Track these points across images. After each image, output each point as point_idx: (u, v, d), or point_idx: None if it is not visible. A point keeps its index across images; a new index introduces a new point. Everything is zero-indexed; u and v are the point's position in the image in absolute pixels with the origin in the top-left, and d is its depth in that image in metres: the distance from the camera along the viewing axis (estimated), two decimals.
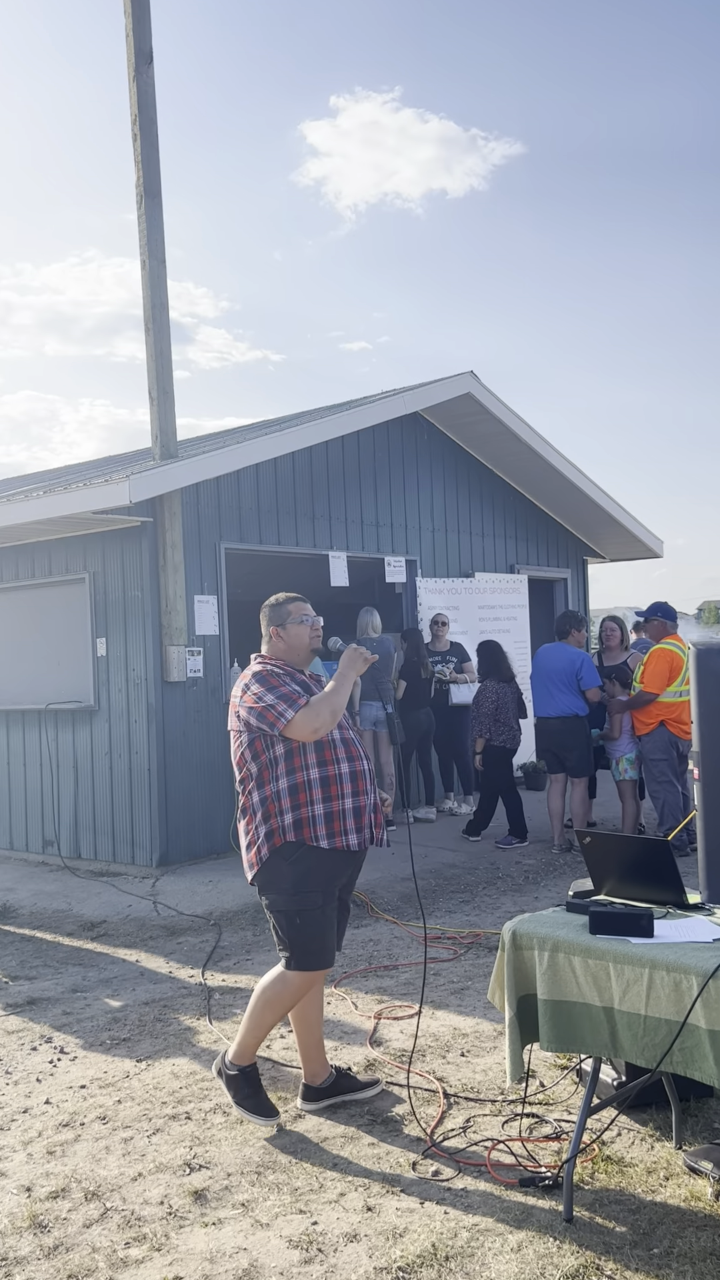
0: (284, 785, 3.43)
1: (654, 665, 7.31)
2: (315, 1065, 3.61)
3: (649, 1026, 2.69)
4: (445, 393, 9.38)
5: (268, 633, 3.65)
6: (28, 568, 8.26)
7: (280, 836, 3.42)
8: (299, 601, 3.65)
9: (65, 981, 5.27)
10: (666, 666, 7.26)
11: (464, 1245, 2.74)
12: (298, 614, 3.62)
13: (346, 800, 3.46)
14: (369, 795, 3.55)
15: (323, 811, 3.43)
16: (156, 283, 7.57)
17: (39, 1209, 3.05)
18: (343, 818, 3.45)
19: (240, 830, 3.54)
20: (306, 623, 3.62)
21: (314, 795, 3.43)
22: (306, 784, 3.43)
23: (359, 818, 3.49)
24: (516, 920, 3.06)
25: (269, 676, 3.48)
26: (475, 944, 5.50)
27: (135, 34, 7.48)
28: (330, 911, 3.48)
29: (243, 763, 3.50)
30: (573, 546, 11.98)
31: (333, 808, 3.44)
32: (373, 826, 3.55)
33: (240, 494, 8.05)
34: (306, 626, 3.62)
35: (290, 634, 3.61)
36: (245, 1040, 3.56)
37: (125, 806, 7.52)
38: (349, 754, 3.52)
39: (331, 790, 3.44)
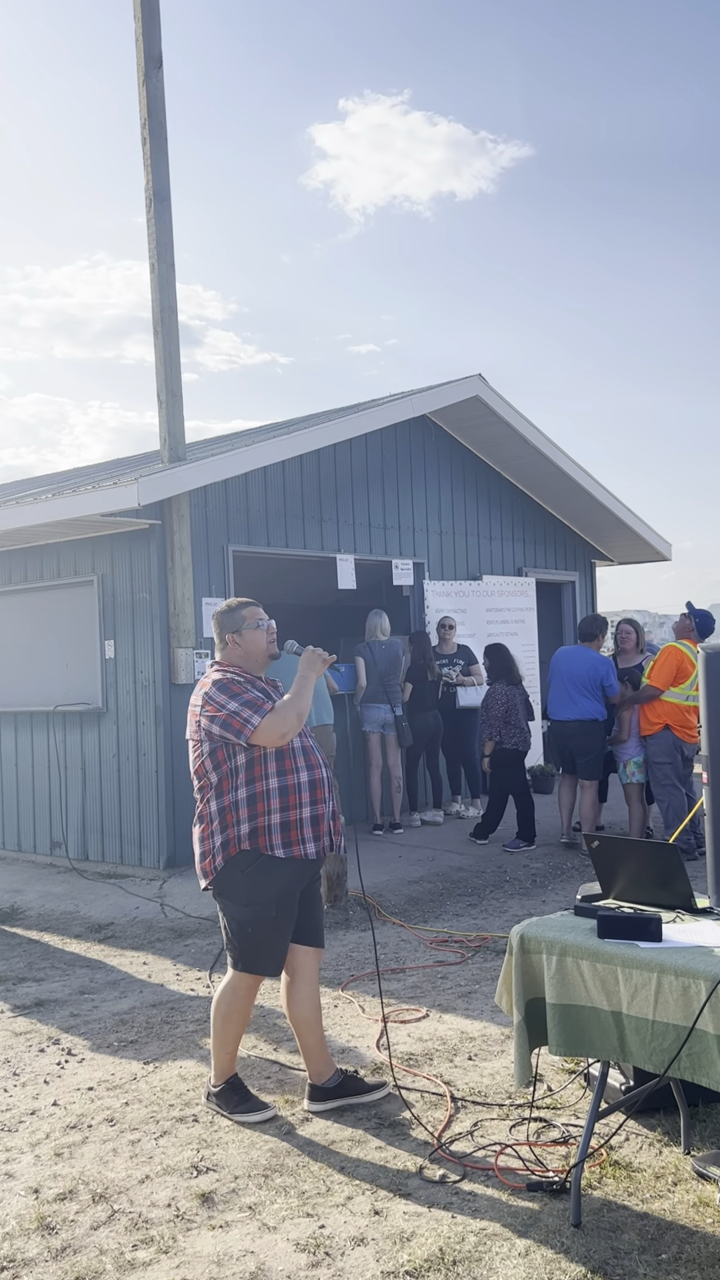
0: (243, 795, 3.46)
1: (662, 661, 7.31)
2: (319, 1064, 3.62)
3: (657, 1031, 2.68)
4: (453, 396, 9.38)
5: (223, 640, 3.67)
6: (36, 570, 8.29)
7: (235, 845, 3.45)
8: (252, 606, 3.68)
9: (73, 983, 5.27)
10: (675, 664, 7.26)
11: (471, 1250, 2.74)
12: (252, 619, 3.65)
13: (304, 809, 3.49)
14: (327, 803, 3.57)
15: (279, 821, 3.46)
16: (165, 286, 7.59)
17: (47, 1211, 3.06)
18: (300, 826, 3.48)
19: (194, 837, 3.57)
20: (262, 627, 3.64)
21: (271, 805, 3.46)
22: (265, 793, 3.46)
23: (316, 826, 3.52)
24: (524, 924, 3.05)
25: (230, 684, 3.48)
26: (483, 947, 5.49)
27: (145, 39, 7.50)
28: (283, 921, 3.51)
29: (202, 772, 3.51)
30: (581, 549, 11.96)
31: (290, 817, 3.46)
32: (331, 834, 3.58)
33: (248, 497, 8.06)
34: (262, 631, 3.64)
35: (246, 639, 3.63)
36: (218, 1058, 3.63)
37: (133, 808, 7.53)
38: (308, 762, 3.54)
39: (290, 800, 3.47)
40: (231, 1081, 3.62)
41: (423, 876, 7.16)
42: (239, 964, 3.54)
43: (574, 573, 11.83)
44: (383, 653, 8.46)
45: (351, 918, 6.18)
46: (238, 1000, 3.56)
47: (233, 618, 3.66)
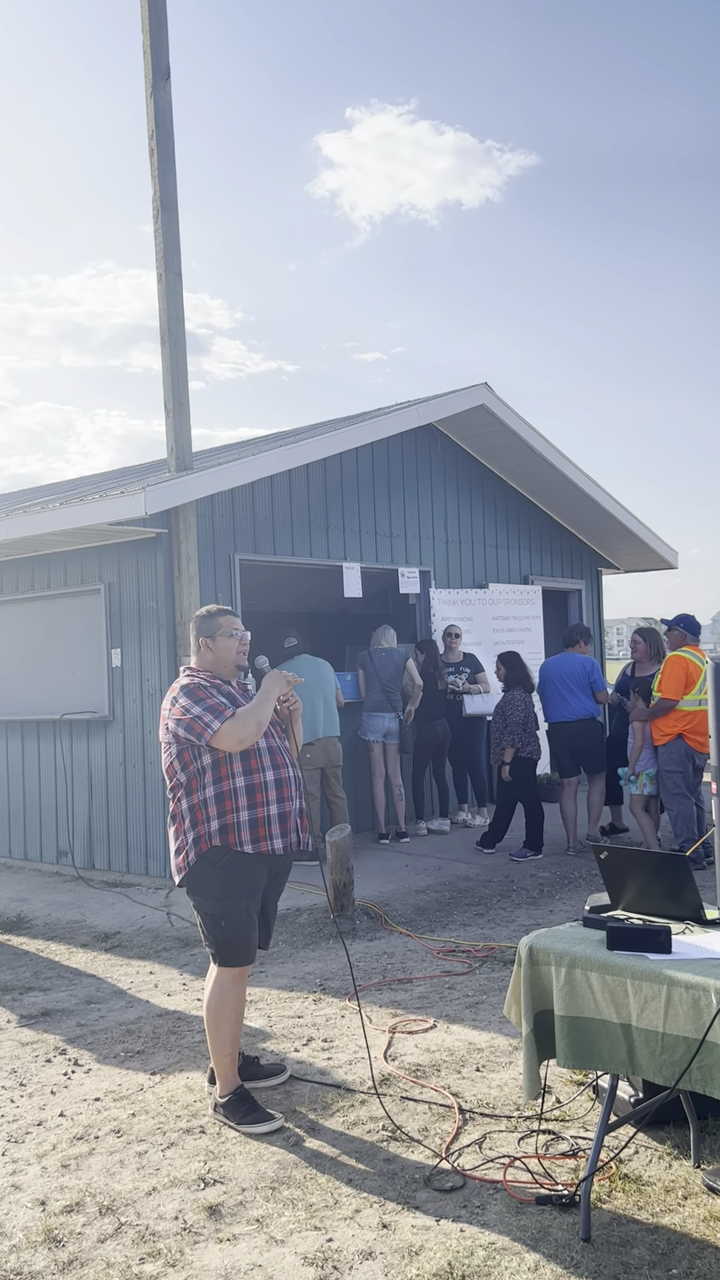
0: (211, 793, 3.58)
1: (669, 672, 7.30)
2: None
3: (667, 1044, 2.66)
4: (459, 404, 9.39)
5: (197, 644, 3.80)
6: (43, 578, 8.30)
7: (207, 842, 3.57)
8: (229, 615, 3.81)
9: (79, 993, 5.27)
10: (682, 673, 7.25)
11: (480, 1264, 2.72)
12: (227, 628, 3.77)
13: (271, 807, 3.61)
14: (294, 801, 3.69)
15: (248, 818, 3.57)
16: (172, 295, 7.61)
17: (53, 1223, 3.04)
18: (267, 823, 3.60)
19: (169, 835, 3.70)
20: (235, 637, 3.76)
21: (240, 803, 3.58)
22: (233, 791, 3.58)
23: (284, 823, 3.64)
24: (533, 935, 3.04)
25: (196, 689, 3.61)
26: (490, 957, 5.47)
27: (153, 50, 7.54)
28: (253, 913, 3.66)
29: (172, 772, 3.64)
30: (587, 557, 11.95)
31: (258, 814, 3.59)
32: (298, 831, 3.70)
33: (255, 505, 8.07)
34: (234, 641, 3.77)
35: (218, 646, 3.76)
36: (220, 1066, 3.65)
37: (139, 817, 7.52)
38: (274, 762, 3.66)
39: (257, 798, 3.59)
40: (238, 1092, 3.63)
41: (429, 886, 7.14)
42: (218, 958, 3.64)
43: (580, 581, 11.82)
44: (384, 661, 8.45)
45: (358, 927, 6.16)
46: (225, 996, 3.63)
47: (209, 624, 3.78)
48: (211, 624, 3.79)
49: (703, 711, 7.32)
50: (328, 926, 6.16)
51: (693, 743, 7.34)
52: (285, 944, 5.95)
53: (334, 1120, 3.60)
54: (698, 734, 7.33)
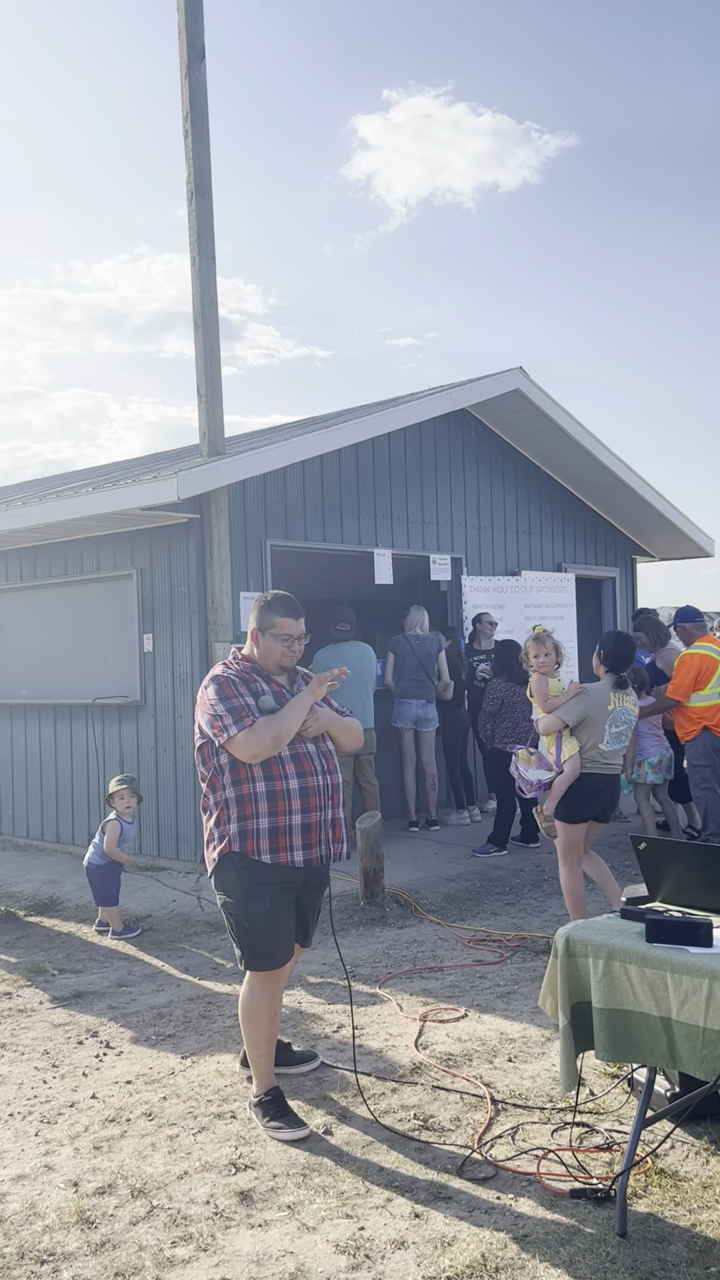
0: (231, 795, 3.42)
1: (679, 672, 7.16)
2: None
3: (709, 1039, 2.61)
4: (493, 389, 9.29)
5: (249, 630, 3.63)
6: (76, 563, 8.33)
7: (228, 845, 3.42)
8: (288, 618, 3.54)
9: (110, 976, 5.29)
10: (693, 672, 7.11)
11: (514, 1257, 2.69)
12: (280, 630, 3.54)
13: (294, 816, 3.39)
14: (322, 811, 3.45)
15: (267, 826, 3.38)
16: (206, 279, 7.57)
17: (86, 1205, 3.05)
18: (289, 834, 3.39)
19: (204, 825, 3.57)
20: (281, 643, 3.54)
21: (260, 809, 3.38)
22: (252, 796, 3.39)
23: (308, 834, 3.42)
24: (570, 926, 3.00)
25: (225, 684, 3.45)
26: (522, 947, 5.43)
27: (188, 30, 7.48)
28: (280, 914, 3.46)
29: (200, 761, 3.52)
30: (621, 545, 11.81)
31: (278, 823, 3.38)
32: (330, 843, 3.48)
33: (286, 491, 8.04)
34: (280, 646, 3.54)
35: (265, 644, 3.57)
36: (255, 1065, 3.56)
37: (170, 802, 7.55)
38: (299, 770, 3.43)
39: (278, 805, 3.38)
40: (272, 1093, 3.53)
41: (460, 874, 7.11)
42: (243, 960, 3.53)
43: (614, 569, 11.68)
44: (419, 647, 8.40)
45: (388, 914, 6.14)
46: (256, 998, 3.52)
47: (265, 616, 3.57)
48: (267, 618, 3.56)
49: None
50: (358, 913, 6.15)
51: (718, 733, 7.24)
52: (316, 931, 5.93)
53: (365, 1108, 3.58)
54: None
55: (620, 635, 5.53)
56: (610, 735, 5.29)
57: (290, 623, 3.54)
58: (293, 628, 3.54)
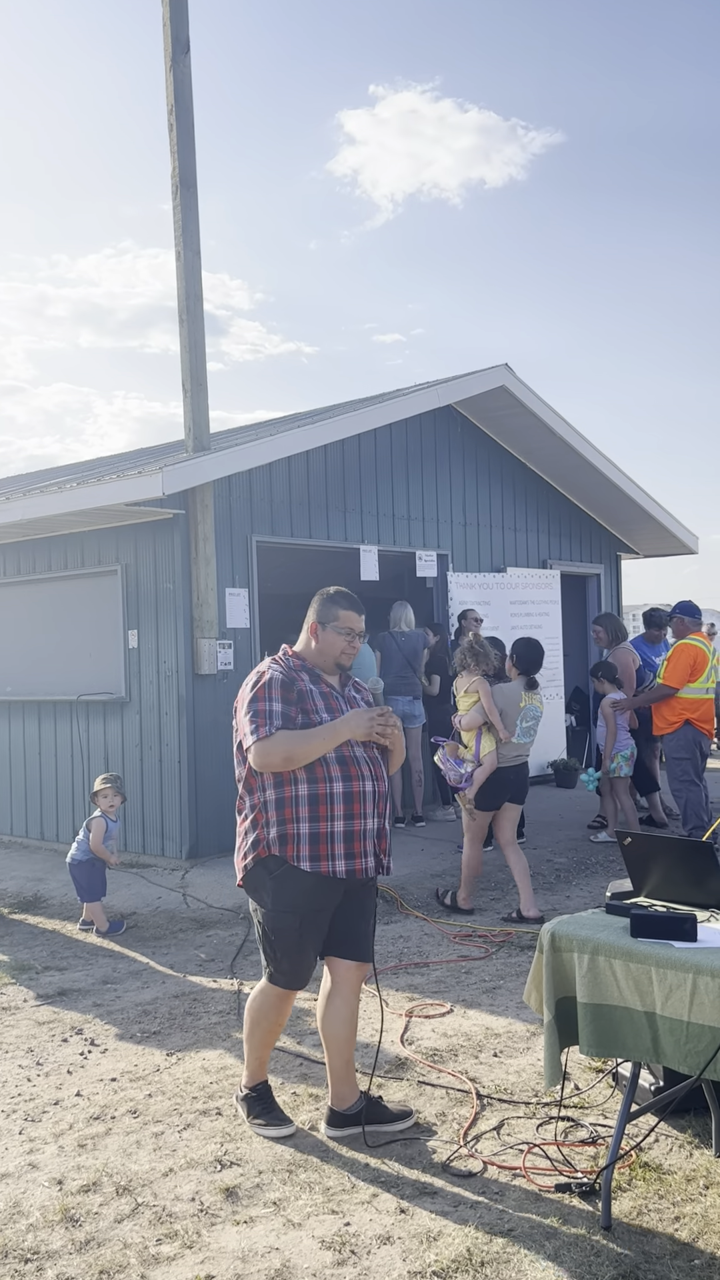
0: (270, 797, 3.23)
1: (675, 660, 7.30)
2: (343, 1088, 3.38)
3: (693, 1033, 2.62)
4: (479, 385, 9.29)
5: (307, 624, 3.41)
6: (60, 559, 8.29)
7: (265, 848, 3.23)
8: (351, 611, 3.37)
9: (95, 973, 5.27)
10: (689, 662, 7.22)
11: (500, 1251, 2.70)
12: (344, 623, 3.36)
13: (337, 823, 3.20)
14: (369, 819, 3.25)
15: (308, 831, 3.19)
16: (191, 274, 7.54)
17: (70, 1203, 3.04)
18: (330, 841, 3.20)
19: (238, 828, 3.40)
20: (343, 637, 3.36)
21: (300, 813, 3.20)
22: (294, 799, 3.21)
23: (350, 843, 3.22)
24: (555, 921, 3.00)
25: (262, 685, 3.25)
26: (507, 942, 5.44)
27: (173, 23, 7.45)
28: (309, 936, 3.27)
29: (238, 763, 3.34)
30: (606, 542, 11.84)
31: (320, 829, 3.19)
32: (376, 854, 3.29)
33: (272, 487, 8.02)
34: (343, 640, 3.36)
35: (326, 637, 3.36)
36: (249, 1060, 3.48)
37: (155, 799, 7.52)
38: (346, 773, 3.23)
39: (320, 810, 3.19)
40: (259, 1089, 3.47)
41: (445, 870, 7.11)
42: (268, 972, 3.35)
43: (599, 565, 11.72)
44: (404, 644, 8.41)
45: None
46: (265, 1008, 3.38)
47: (327, 609, 3.37)
48: (329, 611, 3.35)
49: (709, 699, 7.32)
50: None
51: (701, 727, 7.32)
52: None
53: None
54: (705, 721, 7.33)
55: (531, 641, 6.21)
56: (521, 729, 6.00)
57: (353, 616, 3.37)
58: (355, 622, 3.37)
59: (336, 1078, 3.39)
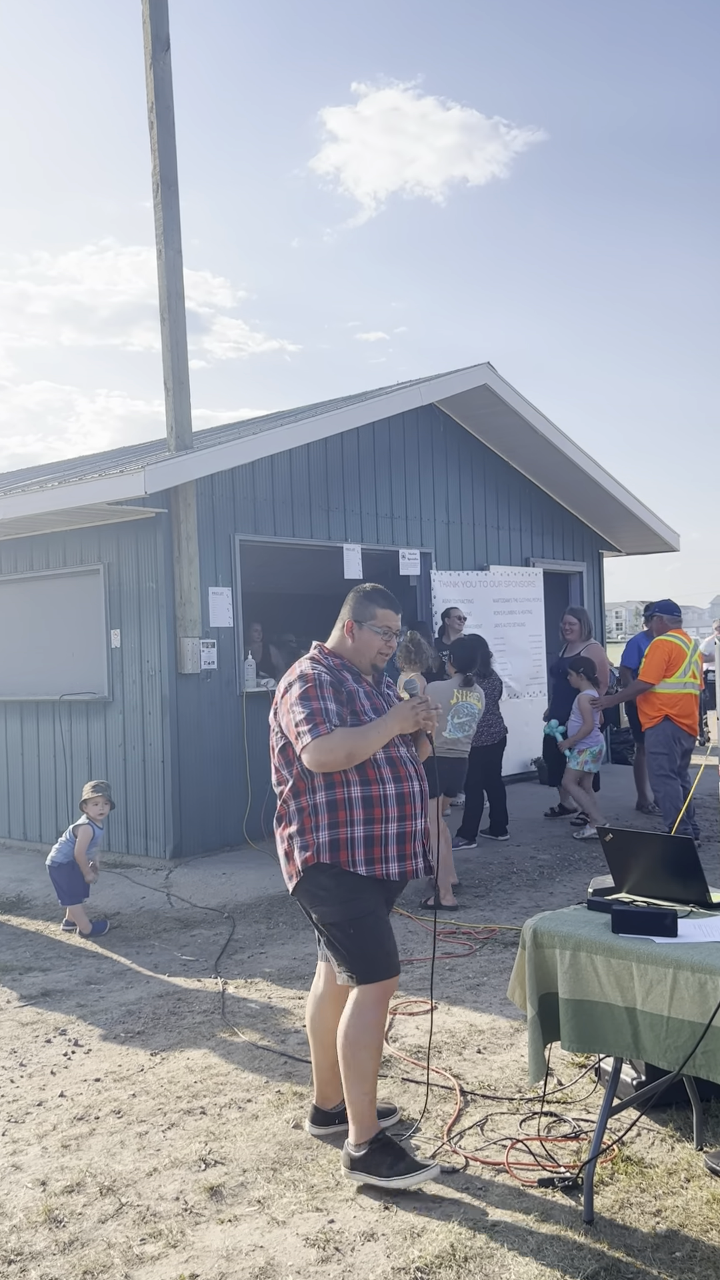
0: (322, 799, 3.12)
1: (651, 656, 7.46)
2: (329, 1089, 3.37)
3: (672, 1028, 2.64)
4: (461, 384, 9.31)
5: (342, 622, 3.30)
6: (42, 558, 8.25)
7: (315, 855, 3.10)
8: (389, 610, 3.28)
9: (79, 973, 5.26)
10: (664, 657, 7.37)
11: (483, 1246, 2.71)
12: (381, 622, 3.26)
13: (390, 825, 3.13)
14: (417, 820, 3.21)
15: (363, 834, 3.10)
16: (172, 272, 7.53)
17: (54, 1204, 3.04)
18: (384, 843, 3.13)
19: (277, 836, 3.25)
20: (381, 636, 3.27)
21: (355, 815, 3.10)
22: (347, 801, 3.10)
23: (403, 844, 3.17)
24: (537, 918, 3.02)
25: (311, 684, 3.13)
26: (490, 939, 5.46)
27: (153, 20, 7.42)
28: (384, 915, 3.19)
29: (280, 764, 3.21)
30: (588, 540, 11.89)
31: (374, 831, 3.11)
32: (424, 854, 3.23)
33: (255, 485, 8.01)
34: (380, 639, 3.27)
35: (362, 636, 3.26)
36: (357, 1106, 3.09)
37: (139, 798, 7.51)
38: (396, 774, 3.17)
39: (375, 812, 3.11)
40: (380, 1140, 3.07)
41: None
42: (357, 974, 3.10)
43: (581, 563, 11.76)
44: None
45: None
46: (367, 1018, 3.08)
47: (364, 607, 3.27)
48: (366, 609, 3.26)
49: (687, 695, 7.40)
50: None
51: (681, 723, 7.39)
52: (285, 925, 5.94)
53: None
54: (685, 716, 7.41)
55: (468, 641, 6.63)
56: (453, 725, 6.32)
57: (391, 615, 3.29)
58: (393, 620, 3.30)
59: (324, 1077, 3.38)
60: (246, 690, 7.78)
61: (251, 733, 7.80)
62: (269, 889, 6.64)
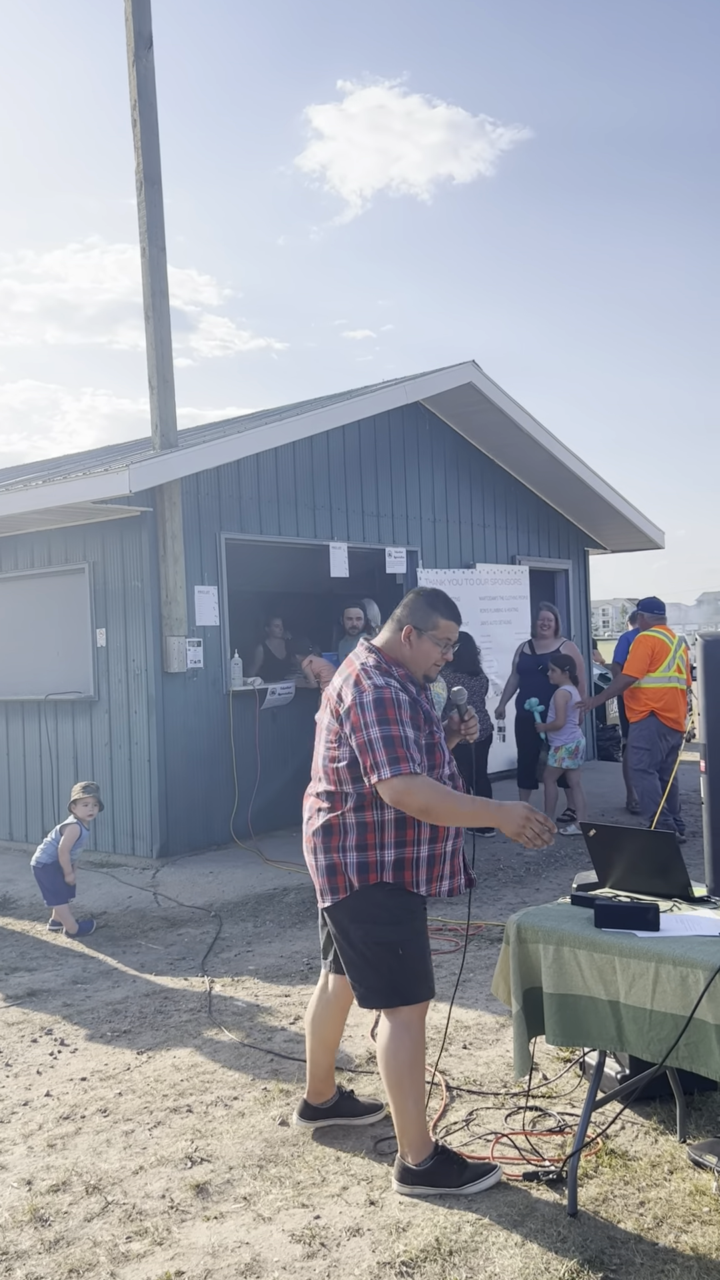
0: (390, 817, 2.99)
1: (634, 651, 7.55)
2: (322, 1085, 3.38)
3: (655, 1021, 2.66)
4: (446, 382, 9.32)
5: (401, 627, 3.15)
6: (27, 558, 8.22)
7: (376, 873, 2.99)
8: (450, 620, 3.17)
9: (65, 973, 5.25)
10: (648, 652, 7.45)
11: (468, 1239, 2.73)
12: (443, 634, 3.15)
13: (448, 843, 3.09)
14: (462, 836, 3.17)
15: (427, 854, 3.03)
16: (156, 270, 7.51)
17: (40, 1202, 3.03)
18: (443, 861, 3.08)
19: (316, 846, 3.07)
20: (441, 648, 3.16)
21: (421, 834, 3.02)
22: (415, 820, 2.99)
23: (451, 861, 3.12)
24: (521, 913, 3.03)
25: (388, 703, 2.93)
26: (476, 935, 5.48)
27: (135, 18, 7.40)
28: (425, 939, 3.11)
29: (337, 778, 3.03)
30: (574, 537, 11.93)
31: (435, 850, 3.05)
32: (466, 871, 3.19)
33: (241, 484, 8.00)
34: (439, 651, 3.15)
35: (420, 645, 3.13)
36: (412, 1128, 2.99)
37: (125, 798, 7.49)
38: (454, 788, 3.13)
39: (440, 831, 3.04)
40: (442, 1153, 3.00)
41: None
42: (399, 996, 3.00)
43: (567, 561, 11.80)
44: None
45: None
46: (411, 1037, 2.99)
47: (426, 615, 3.14)
48: (429, 617, 3.13)
49: (672, 689, 7.45)
50: (314, 906, 6.16)
51: (665, 720, 7.43)
52: (272, 923, 5.95)
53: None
54: (669, 711, 7.45)
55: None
56: None
57: (453, 627, 3.18)
58: (453, 632, 3.19)
59: (319, 1074, 3.38)
60: (233, 689, 7.78)
61: (238, 731, 7.80)
62: (256, 887, 6.64)
